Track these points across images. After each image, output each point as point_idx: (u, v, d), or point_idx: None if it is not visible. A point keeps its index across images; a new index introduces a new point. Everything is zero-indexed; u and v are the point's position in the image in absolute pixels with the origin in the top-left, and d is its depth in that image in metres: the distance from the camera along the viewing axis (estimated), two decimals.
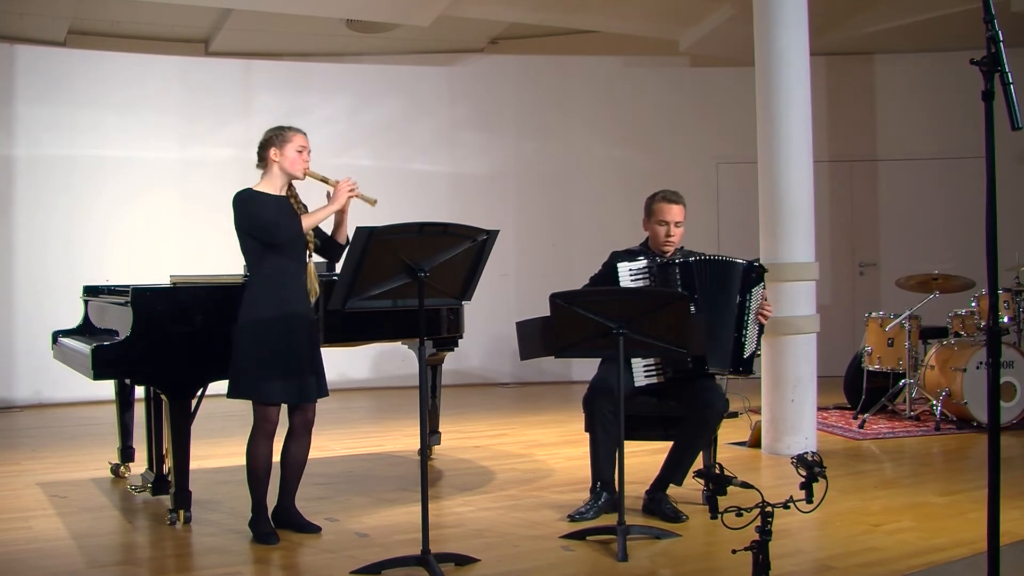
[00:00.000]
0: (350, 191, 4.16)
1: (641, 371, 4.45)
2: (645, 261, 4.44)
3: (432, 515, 3.86)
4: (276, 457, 4.20)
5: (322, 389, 4.18)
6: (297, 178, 4.19)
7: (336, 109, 9.47)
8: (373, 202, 4.26)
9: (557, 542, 4.02)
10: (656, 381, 4.45)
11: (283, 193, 4.17)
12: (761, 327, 4.47)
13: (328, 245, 4.31)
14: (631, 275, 4.41)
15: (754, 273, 4.41)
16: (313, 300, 4.15)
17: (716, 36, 8.88)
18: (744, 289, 4.37)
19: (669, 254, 4.52)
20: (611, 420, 4.28)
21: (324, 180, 4.19)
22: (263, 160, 4.18)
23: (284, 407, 4.17)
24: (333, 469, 5.63)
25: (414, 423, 4.99)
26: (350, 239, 4.07)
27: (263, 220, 4.05)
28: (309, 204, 4.28)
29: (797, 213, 5.84)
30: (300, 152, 4.15)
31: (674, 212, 4.52)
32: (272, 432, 4.11)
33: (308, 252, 4.17)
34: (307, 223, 4.10)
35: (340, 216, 4.24)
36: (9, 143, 8.48)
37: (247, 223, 4.07)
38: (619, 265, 4.44)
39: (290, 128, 4.19)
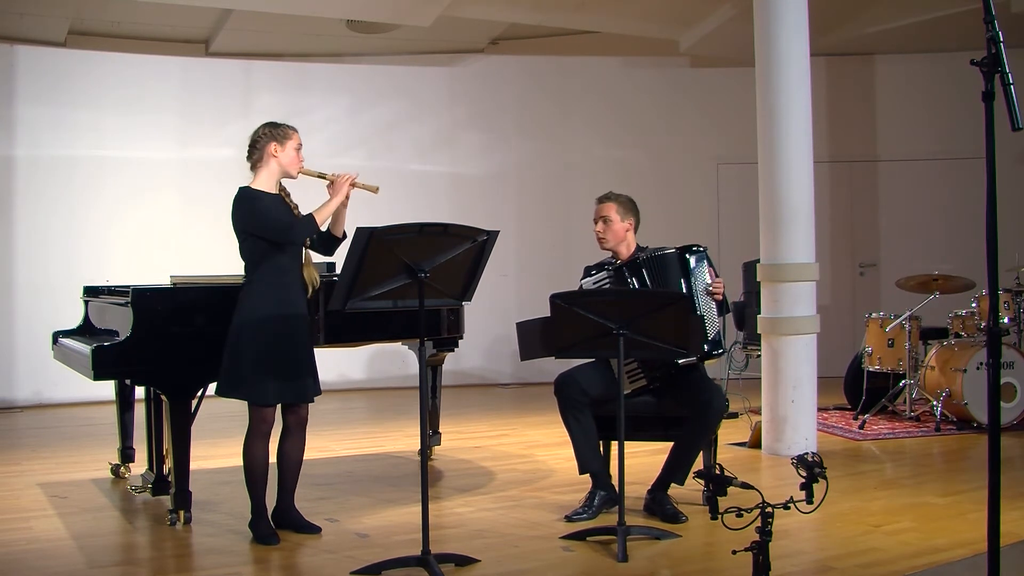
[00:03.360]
0: (350, 183, 4.16)
1: (625, 378, 4.44)
2: (604, 271, 4.57)
3: (432, 515, 3.85)
4: (272, 458, 4.20)
5: (317, 388, 4.17)
6: (291, 177, 4.17)
7: (336, 110, 9.46)
8: (375, 189, 4.27)
9: (557, 542, 4.02)
10: (641, 386, 4.47)
11: (276, 191, 4.16)
12: (720, 304, 4.43)
13: (325, 240, 4.27)
14: (595, 286, 4.55)
15: (689, 256, 4.44)
16: (311, 291, 4.15)
17: (716, 36, 8.87)
18: (686, 274, 4.42)
19: (628, 255, 4.57)
20: (582, 408, 4.34)
21: (321, 176, 4.17)
22: (259, 156, 4.11)
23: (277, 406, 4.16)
24: (333, 469, 5.63)
25: (414, 423, 4.99)
26: (348, 235, 4.06)
27: (276, 221, 4.03)
28: (299, 202, 4.24)
29: (797, 213, 5.84)
30: (297, 151, 4.15)
31: (598, 210, 4.62)
32: (268, 433, 4.10)
33: (304, 246, 4.18)
34: (319, 219, 4.07)
35: (339, 209, 4.22)
36: (9, 143, 8.47)
37: (255, 223, 4.01)
38: (583, 282, 4.62)
39: (287, 125, 4.16)
